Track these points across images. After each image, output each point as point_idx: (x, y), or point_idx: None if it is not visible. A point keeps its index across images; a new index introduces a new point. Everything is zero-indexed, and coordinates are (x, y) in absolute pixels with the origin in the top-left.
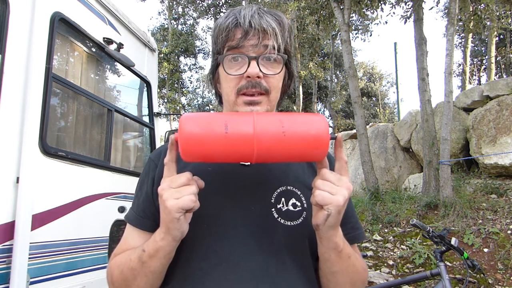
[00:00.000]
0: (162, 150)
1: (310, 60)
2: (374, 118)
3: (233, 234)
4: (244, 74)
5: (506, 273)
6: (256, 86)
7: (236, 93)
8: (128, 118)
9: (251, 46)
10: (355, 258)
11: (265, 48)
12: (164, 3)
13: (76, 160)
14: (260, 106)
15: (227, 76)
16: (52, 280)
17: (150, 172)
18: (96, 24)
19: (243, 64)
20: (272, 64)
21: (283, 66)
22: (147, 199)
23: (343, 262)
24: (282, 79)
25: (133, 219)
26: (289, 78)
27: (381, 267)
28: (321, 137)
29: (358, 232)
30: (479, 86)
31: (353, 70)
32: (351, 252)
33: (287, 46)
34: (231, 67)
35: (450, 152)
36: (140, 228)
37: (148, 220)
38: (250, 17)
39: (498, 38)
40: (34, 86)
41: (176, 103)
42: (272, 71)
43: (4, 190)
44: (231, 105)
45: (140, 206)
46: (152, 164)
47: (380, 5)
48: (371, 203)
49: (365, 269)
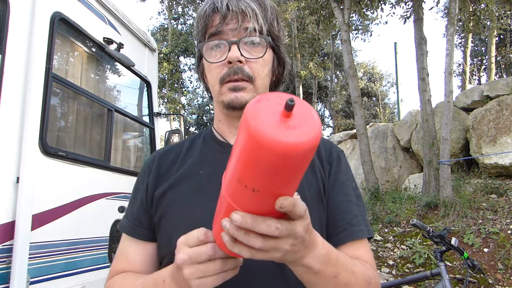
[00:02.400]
0: (156, 155)
1: (310, 60)
2: (374, 118)
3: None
4: (225, 61)
5: (506, 273)
6: (238, 72)
7: (219, 83)
8: (128, 118)
9: (231, 30)
10: (349, 274)
11: (246, 32)
12: (164, 3)
13: (76, 160)
14: (245, 92)
15: (210, 65)
16: (52, 280)
17: (144, 179)
18: (96, 24)
19: (225, 51)
20: (255, 48)
21: (267, 49)
22: (142, 207)
23: (326, 284)
24: (268, 65)
25: (128, 228)
26: (279, 65)
27: (381, 267)
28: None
29: (356, 229)
30: (479, 86)
31: (353, 70)
32: (339, 269)
33: (272, 28)
34: (212, 55)
35: (450, 152)
36: (136, 238)
37: (143, 229)
38: (228, 0)
39: (498, 38)
40: (34, 86)
41: (176, 103)
42: (254, 55)
43: (4, 190)
44: (216, 96)
45: (135, 214)
46: (146, 170)
47: (380, 5)
48: (371, 203)
49: (369, 281)
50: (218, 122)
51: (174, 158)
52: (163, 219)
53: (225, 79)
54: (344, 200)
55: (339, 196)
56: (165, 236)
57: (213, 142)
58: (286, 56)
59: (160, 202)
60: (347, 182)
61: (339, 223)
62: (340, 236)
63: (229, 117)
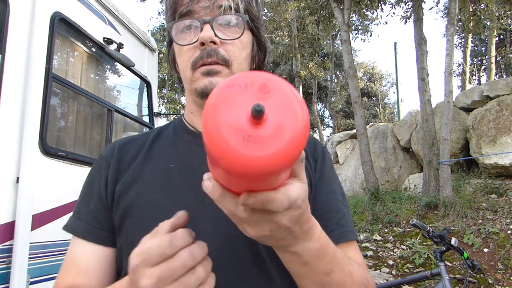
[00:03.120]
0: (116, 145)
1: (310, 60)
2: (374, 118)
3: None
4: (197, 42)
5: (506, 273)
6: (212, 54)
7: (191, 68)
8: (128, 118)
9: (203, 8)
10: (345, 275)
11: (219, 9)
12: (164, 3)
13: (76, 160)
14: (220, 76)
15: (180, 49)
16: (52, 280)
17: (102, 172)
18: (96, 24)
19: (197, 32)
20: (230, 28)
21: (244, 30)
22: (101, 205)
23: (315, 279)
24: (246, 48)
25: (82, 230)
26: (260, 50)
27: (381, 267)
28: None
29: (346, 230)
30: (479, 86)
31: (353, 70)
32: (334, 268)
33: (249, 7)
34: (183, 37)
35: (450, 152)
36: (92, 241)
37: (103, 231)
38: None
39: (498, 38)
40: (34, 86)
41: (176, 103)
42: (230, 36)
43: (4, 190)
44: (188, 84)
45: (92, 214)
46: (103, 162)
47: (380, 6)
48: (371, 203)
49: (367, 283)
50: (190, 114)
51: (137, 150)
52: (126, 221)
53: (197, 63)
54: (331, 198)
55: (326, 193)
56: (127, 241)
57: (185, 133)
58: (267, 41)
59: (121, 200)
60: (333, 179)
61: (327, 223)
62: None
63: (202, 108)
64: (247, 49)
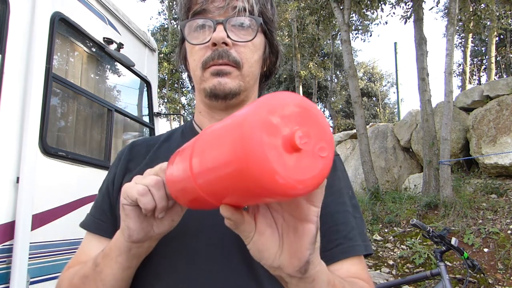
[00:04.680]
0: (129, 146)
1: (310, 60)
2: (374, 118)
3: (196, 247)
4: (209, 42)
5: (506, 273)
6: (223, 55)
7: (201, 68)
8: (128, 118)
9: (217, 8)
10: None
11: (234, 11)
12: (164, 3)
13: (76, 160)
14: (229, 78)
15: (192, 48)
16: (52, 280)
17: (113, 169)
18: (96, 24)
19: (209, 32)
20: (244, 30)
21: (257, 33)
22: (108, 199)
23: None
24: (258, 50)
25: (90, 224)
26: (272, 53)
27: (381, 267)
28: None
29: (352, 244)
30: (479, 86)
31: (353, 70)
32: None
33: (264, 10)
34: (195, 36)
35: (450, 152)
36: (98, 234)
37: (109, 225)
38: None
39: (498, 38)
40: (34, 86)
41: (176, 103)
42: (243, 38)
43: (4, 190)
44: (198, 84)
45: (100, 209)
46: (116, 160)
47: (380, 5)
48: (371, 203)
49: None
50: (198, 114)
51: (147, 150)
52: None
53: (208, 63)
54: (341, 210)
55: (334, 205)
56: None
57: (193, 135)
58: (280, 44)
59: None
60: (343, 190)
61: (334, 236)
62: (334, 252)
63: (211, 109)
64: (259, 51)
